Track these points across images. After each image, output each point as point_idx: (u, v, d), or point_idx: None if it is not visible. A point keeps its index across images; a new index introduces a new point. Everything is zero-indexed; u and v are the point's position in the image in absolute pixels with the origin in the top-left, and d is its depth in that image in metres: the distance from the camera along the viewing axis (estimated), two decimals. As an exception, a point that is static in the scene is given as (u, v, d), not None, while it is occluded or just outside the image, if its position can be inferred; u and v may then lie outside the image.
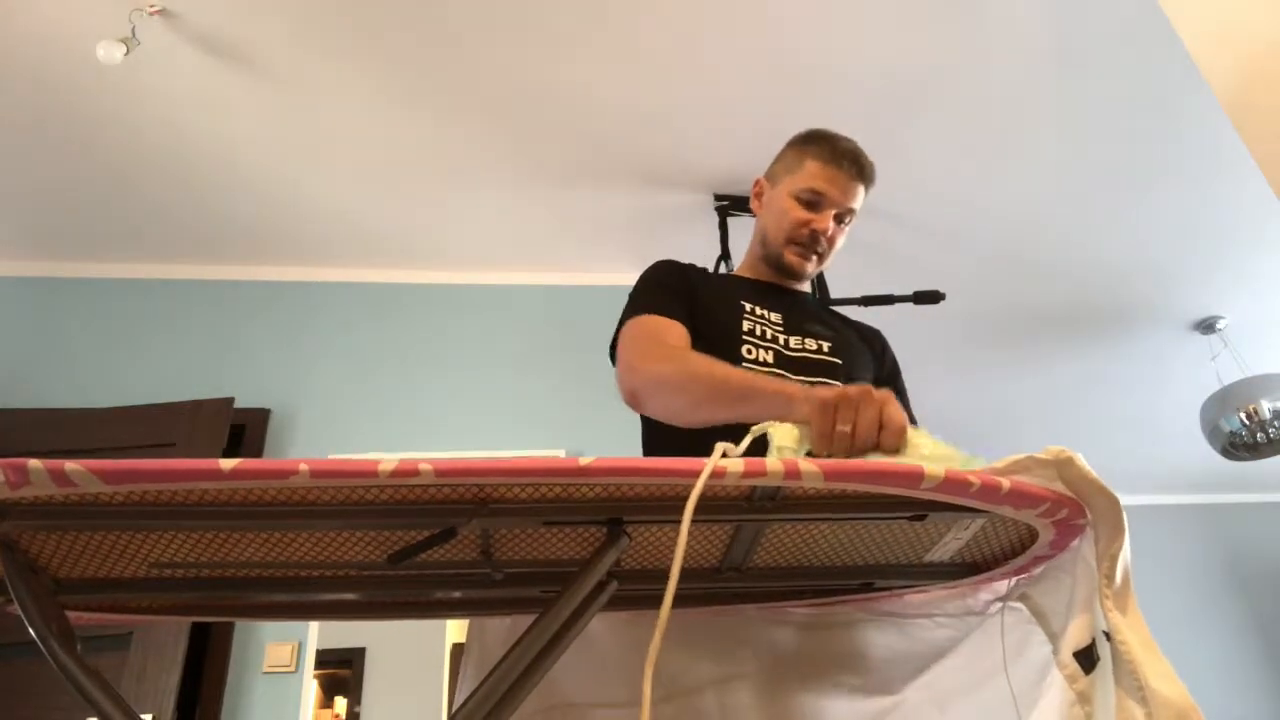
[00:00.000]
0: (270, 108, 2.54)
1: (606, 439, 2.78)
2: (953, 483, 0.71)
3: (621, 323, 1.29)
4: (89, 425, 2.60)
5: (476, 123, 2.65)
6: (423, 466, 0.63)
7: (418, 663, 2.63)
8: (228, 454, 2.62)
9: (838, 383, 1.22)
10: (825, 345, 1.29)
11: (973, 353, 3.88)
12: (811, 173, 1.33)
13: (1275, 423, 3.52)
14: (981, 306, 3.56)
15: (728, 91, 2.55)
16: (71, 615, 0.82)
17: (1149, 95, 2.61)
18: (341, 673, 2.62)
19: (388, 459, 0.63)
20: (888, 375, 1.40)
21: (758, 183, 1.45)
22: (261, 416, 2.85)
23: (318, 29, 2.30)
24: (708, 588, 0.96)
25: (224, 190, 2.84)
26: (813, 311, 1.40)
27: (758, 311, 1.30)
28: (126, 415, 2.64)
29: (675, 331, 1.23)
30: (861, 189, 1.35)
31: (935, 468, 0.70)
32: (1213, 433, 3.72)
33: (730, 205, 2.93)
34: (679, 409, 1.12)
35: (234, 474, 0.62)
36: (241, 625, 2.53)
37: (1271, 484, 5.14)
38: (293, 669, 2.49)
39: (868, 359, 1.37)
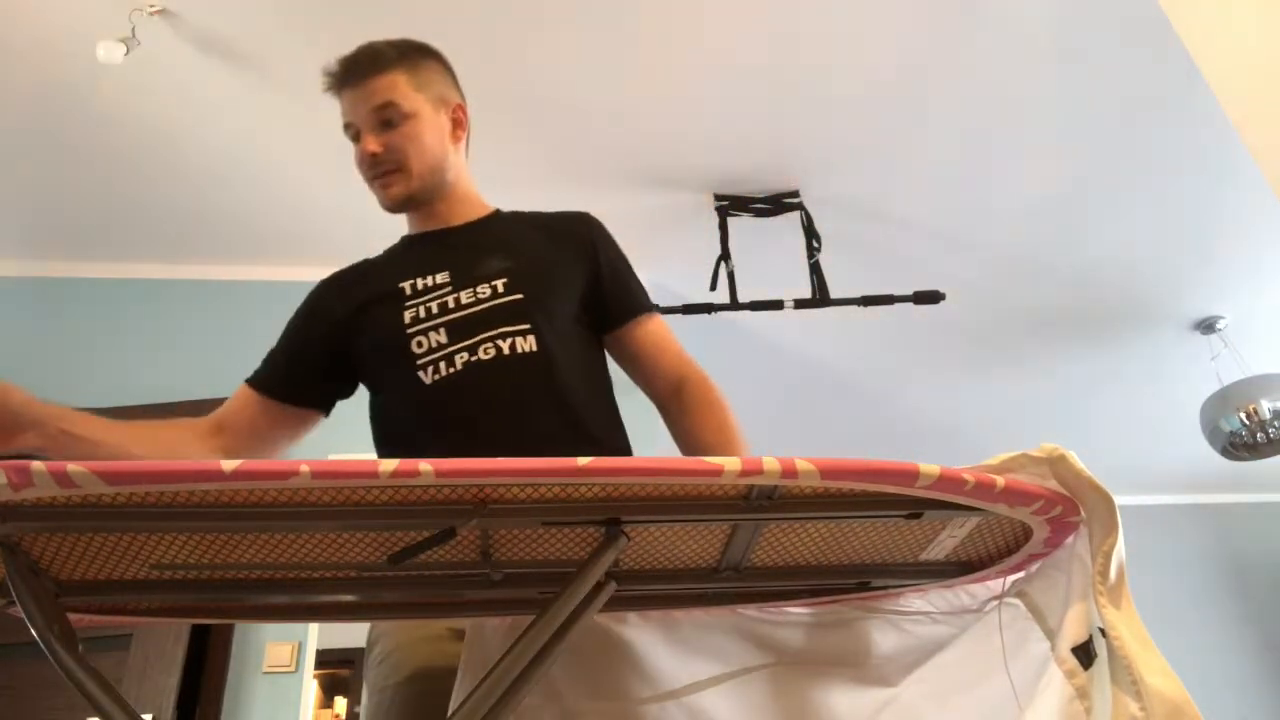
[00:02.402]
0: (271, 107, 2.54)
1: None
2: (948, 480, 0.71)
3: None
4: (90, 426, 2.60)
5: (475, 124, 2.64)
6: (423, 467, 0.63)
7: (418, 663, 2.62)
8: (228, 454, 2.61)
9: (525, 325, 1.16)
10: (501, 283, 1.20)
11: (972, 353, 3.88)
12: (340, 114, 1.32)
13: (1275, 423, 3.52)
14: (981, 306, 3.55)
15: (727, 91, 2.55)
16: (72, 617, 0.82)
17: (1149, 95, 2.61)
18: (341, 673, 2.62)
19: (387, 459, 0.63)
20: (599, 266, 1.32)
21: None
22: (262, 417, 2.84)
23: (318, 29, 2.30)
24: (706, 588, 0.97)
25: (225, 190, 2.84)
26: (486, 241, 1.30)
27: (420, 285, 1.23)
28: (126, 415, 2.64)
29: (234, 402, 1.31)
30: (369, 82, 1.29)
31: (930, 466, 0.70)
32: (1213, 433, 3.72)
33: (730, 205, 2.93)
34: None
35: (235, 475, 0.62)
36: (241, 625, 2.53)
37: (1271, 484, 5.13)
38: (293, 669, 2.49)
39: (568, 262, 1.29)
